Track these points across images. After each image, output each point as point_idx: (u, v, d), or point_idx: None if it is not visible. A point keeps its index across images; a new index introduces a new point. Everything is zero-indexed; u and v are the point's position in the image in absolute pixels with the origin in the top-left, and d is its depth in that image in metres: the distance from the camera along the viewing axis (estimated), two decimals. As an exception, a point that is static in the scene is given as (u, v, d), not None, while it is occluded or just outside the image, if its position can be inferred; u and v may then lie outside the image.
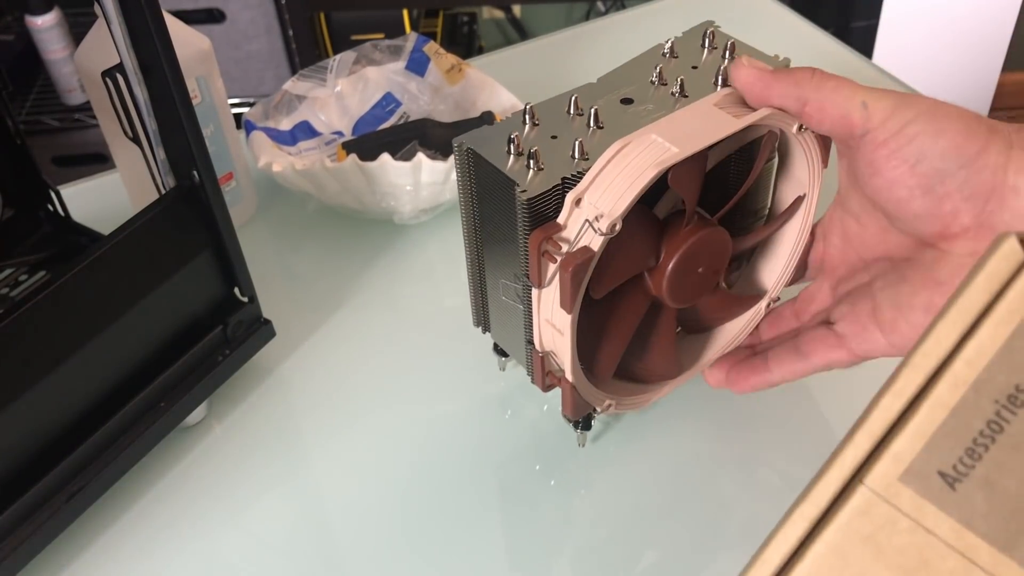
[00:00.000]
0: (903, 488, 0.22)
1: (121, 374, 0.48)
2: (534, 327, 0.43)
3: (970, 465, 0.21)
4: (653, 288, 0.43)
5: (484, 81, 0.69)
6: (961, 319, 0.22)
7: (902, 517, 0.22)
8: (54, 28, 1.37)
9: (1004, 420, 0.21)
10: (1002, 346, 0.21)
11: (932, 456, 0.22)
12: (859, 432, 0.22)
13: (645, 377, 0.48)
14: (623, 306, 0.44)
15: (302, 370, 0.56)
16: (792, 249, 0.47)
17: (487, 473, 0.50)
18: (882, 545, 0.22)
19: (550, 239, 0.39)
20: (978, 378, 0.22)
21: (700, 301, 0.46)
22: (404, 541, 0.47)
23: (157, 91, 0.45)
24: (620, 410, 0.47)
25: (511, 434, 0.51)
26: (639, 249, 0.42)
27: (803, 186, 0.46)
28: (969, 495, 0.21)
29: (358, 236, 0.64)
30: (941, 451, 0.22)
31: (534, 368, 0.45)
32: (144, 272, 0.47)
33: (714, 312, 0.48)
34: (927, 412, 0.22)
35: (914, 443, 0.22)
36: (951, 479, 0.21)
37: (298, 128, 0.67)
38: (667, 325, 0.46)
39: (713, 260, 0.43)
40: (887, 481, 0.22)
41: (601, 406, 0.45)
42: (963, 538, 0.21)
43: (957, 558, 0.21)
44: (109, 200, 0.66)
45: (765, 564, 0.22)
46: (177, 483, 0.50)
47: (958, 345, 0.22)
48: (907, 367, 0.22)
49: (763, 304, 0.48)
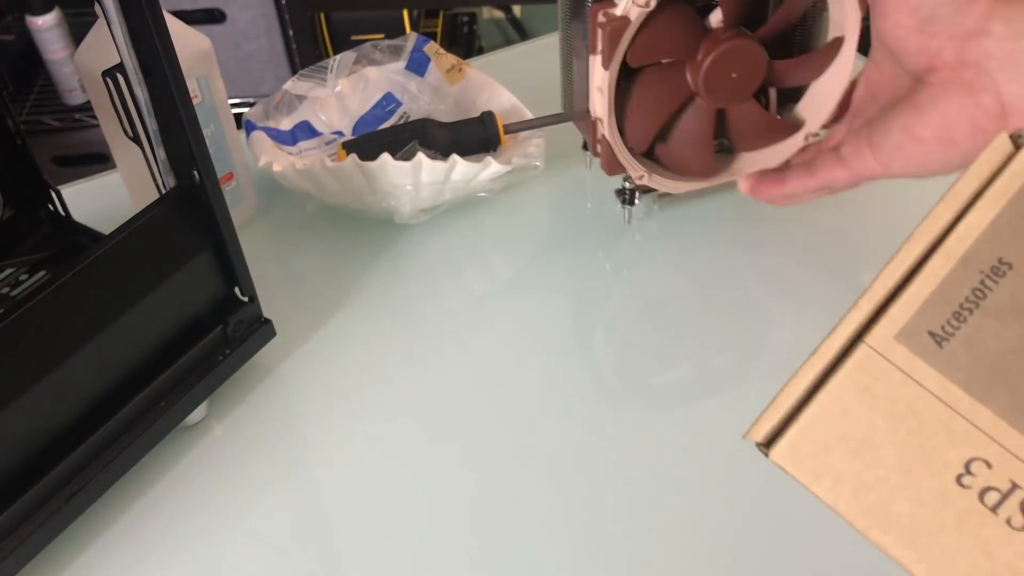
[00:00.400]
0: (897, 346, 0.25)
1: (121, 374, 0.48)
2: (589, 95, 0.54)
3: (956, 327, 0.25)
4: (691, 80, 0.52)
5: (484, 81, 0.69)
6: (955, 201, 0.26)
7: (895, 371, 0.25)
8: (54, 28, 1.37)
9: (987, 288, 0.25)
10: (988, 224, 0.25)
11: (924, 319, 0.25)
12: (863, 298, 0.26)
13: (683, 169, 0.57)
14: (665, 89, 0.53)
15: (302, 370, 0.56)
16: (831, 87, 0.55)
17: (487, 477, 0.50)
18: (877, 395, 0.25)
19: (604, 11, 0.50)
20: (966, 252, 0.25)
21: (735, 112, 0.55)
22: (404, 541, 0.47)
23: (157, 91, 0.45)
24: (653, 184, 0.57)
25: (513, 433, 0.51)
26: (678, 36, 0.51)
27: (842, 29, 0.53)
28: (954, 352, 0.25)
29: (358, 236, 0.65)
30: (932, 314, 0.25)
31: (589, 134, 0.56)
32: (144, 272, 0.47)
33: (752, 129, 0.56)
34: (921, 281, 0.25)
35: (909, 307, 0.25)
36: (939, 338, 0.25)
37: (298, 128, 0.67)
38: (704, 121, 0.54)
39: (748, 70, 0.52)
40: (884, 340, 0.25)
41: (635, 172, 0.56)
42: (947, 389, 0.25)
43: (941, 407, 0.25)
44: (109, 200, 0.66)
45: (777, 409, 0.26)
46: (177, 483, 0.50)
47: (952, 224, 0.25)
48: (908, 242, 0.26)
49: (800, 136, 0.56)
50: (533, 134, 0.65)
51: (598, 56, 0.51)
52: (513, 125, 0.64)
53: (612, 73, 0.51)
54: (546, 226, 0.66)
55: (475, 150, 0.63)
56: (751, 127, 0.56)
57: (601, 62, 0.51)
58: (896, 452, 0.25)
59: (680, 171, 0.58)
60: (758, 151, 0.58)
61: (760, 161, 0.57)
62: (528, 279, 0.62)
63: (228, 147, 0.61)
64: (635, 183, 0.57)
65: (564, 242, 0.64)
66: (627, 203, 0.62)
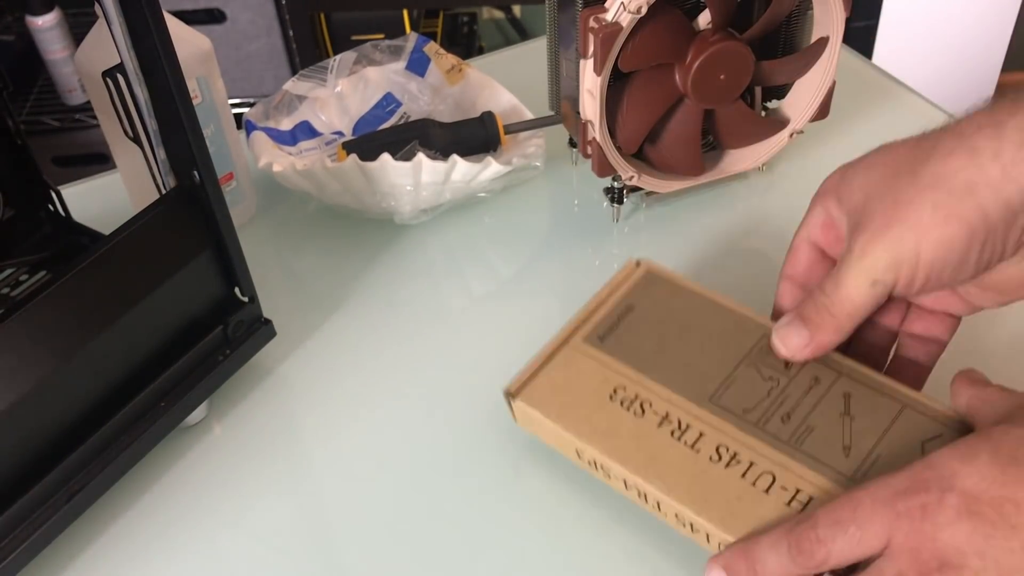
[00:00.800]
0: (583, 343, 0.48)
1: (121, 374, 0.48)
2: (580, 98, 0.54)
3: (611, 334, 0.48)
4: (680, 82, 0.53)
5: (484, 81, 0.69)
6: (611, 286, 0.50)
7: (582, 354, 0.47)
8: (54, 28, 1.37)
9: (623, 317, 0.48)
10: (626, 291, 0.49)
11: (596, 331, 0.48)
12: (570, 322, 0.49)
13: (672, 168, 0.59)
14: (654, 91, 0.54)
15: (302, 370, 0.56)
16: (816, 85, 0.56)
17: (488, 472, 0.50)
18: (579, 365, 0.47)
19: (595, 16, 0.50)
20: (617, 301, 0.49)
21: (723, 111, 0.56)
22: (404, 541, 0.47)
23: (157, 91, 0.45)
24: (643, 184, 0.58)
25: (514, 431, 0.51)
26: (668, 40, 0.52)
27: (827, 29, 0.55)
28: (610, 343, 0.47)
29: (358, 236, 0.65)
30: (600, 329, 0.48)
31: (579, 135, 0.57)
32: (144, 272, 0.47)
33: (739, 128, 0.57)
34: (593, 316, 0.49)
35: (588, 326, 0.48)
36: (602, 338, 0.48)
37: (298, 128, 0.67)
38: (692, 122, 0.55)
39: (736, 71, 0.53)
40: (578, 340, 0.48)
41: (625, 173, 0.56)
42: (608, 364, 0.46)
43: (605, 370, 0.46)
44: (109, 200, 0.66)
45: (524, 372, 0.47)
46: (177, 483, 0.50)
47: (608, 296, 0.50)
48: (592, 299, 0.50)
49: (786, 133, 0.57)
50: (533, 134, 0.65)
51: (589, 60, 0.51)
52: (513, 125, 0.64)
53: (603, 78, 0.52)
54: (546, 226, 0.66)
55: (475, 150, 0.64)
56: (738, 126, 0.57)
57: (593, 67, 0.51)
58: (590, 394, 0.46)
59: (669, 170, 0.59)
60: (744, 148, 0.59)
61: (746, 157, 0.58)
62: (528, 279, 0.62)
63: (228, 147, 0.61)
64: (624, 183, 0.57)
65: (564, 242, 0.64)
66: (615, 201, 0.62)
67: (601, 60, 0.51)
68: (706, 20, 0.53)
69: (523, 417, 0.47)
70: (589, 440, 0.44)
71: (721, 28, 0.52)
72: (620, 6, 0.49)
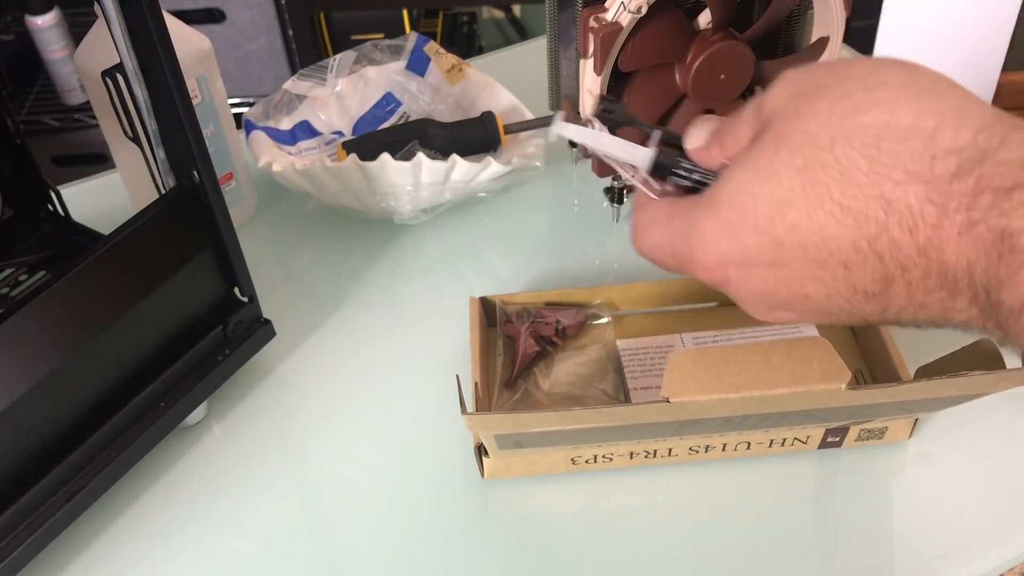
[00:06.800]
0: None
1: (121, 374, 0.48)
2: (580, 98, 0.54)
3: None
4: (680, 82, 0.53)
5: (484, 81, 0.69)
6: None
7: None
8: (54, 28, 1.37)
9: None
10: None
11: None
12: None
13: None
14: (654, 91, 0.54)
15: (302, 370, 0.56)
16: None
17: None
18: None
19: (595, 16, 0.50)
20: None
21: (723, 111, 0.54)
22: (404, 540, 0.47)
23: (157, 91, 0.45)
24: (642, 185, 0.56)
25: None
26: (668, 40, 0.52)
27: (828, 29, 0.55)
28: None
29: (358, 236, 0.65)
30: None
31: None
32: (144, 272, 0.47)
33: None
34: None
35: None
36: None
37: (298, 128, 0.67)
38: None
39: (736, 71, 0.53)
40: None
41: (626, 174, 0.55)
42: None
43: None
44: (109, 200, 0.66)
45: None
46: (177, 483, 0.50)
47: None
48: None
49: None
50: (533, 134, 0.65)
51: (589, 60, 0.51)
52: (513, 125, 0.64)
53: (604, 78, 0.51)
54: (546, 226, 0.66)
55: (475, 150, 0.64)
56: None
57: (593, 66, 0.51)
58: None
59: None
60: None
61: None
62: (528, 279, 0.62)
63: (228, 147, 0.61)
64: (624, 183, 0.57)
65: (564, 242, 0.64)
66: (615, 201, 0.62)
67: (601, 60, 0.51)
68: (706, 20, 0.53)
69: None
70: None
71: (721, 28, 0.52)
72: (620, 6, 0.49)
